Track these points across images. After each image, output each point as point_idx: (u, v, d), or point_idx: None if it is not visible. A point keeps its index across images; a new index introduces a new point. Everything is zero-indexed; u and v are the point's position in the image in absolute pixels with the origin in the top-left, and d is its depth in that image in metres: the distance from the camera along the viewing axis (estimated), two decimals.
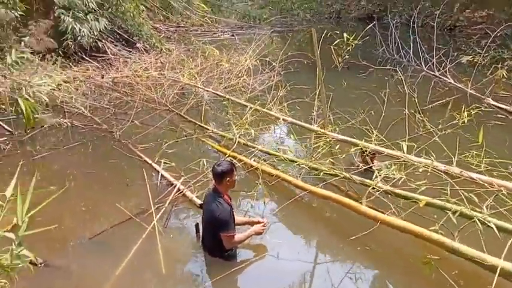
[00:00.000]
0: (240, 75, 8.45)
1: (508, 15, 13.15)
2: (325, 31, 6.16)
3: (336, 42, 5.32)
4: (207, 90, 7.75)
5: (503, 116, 7.30)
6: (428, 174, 4.13)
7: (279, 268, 3.98)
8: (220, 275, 3.74)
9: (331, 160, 5.01)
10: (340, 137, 5.11)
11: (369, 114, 5.65)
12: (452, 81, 9.18)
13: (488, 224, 3.41)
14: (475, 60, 9.51)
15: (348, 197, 4.47)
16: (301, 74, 9.19)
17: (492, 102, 7.96)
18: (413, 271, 3.74)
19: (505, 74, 8.73)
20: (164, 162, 5.57)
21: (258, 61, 9.02)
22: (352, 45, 5.26)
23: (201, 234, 4.24)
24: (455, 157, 4.12)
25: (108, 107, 8.03)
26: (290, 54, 8.45)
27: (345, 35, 5.16)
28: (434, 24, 10.67)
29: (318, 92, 5.81)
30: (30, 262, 3.02)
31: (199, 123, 7.06)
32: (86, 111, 7.69)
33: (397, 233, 3.87)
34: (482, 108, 5.41)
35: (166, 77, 8.64)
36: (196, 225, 4.33)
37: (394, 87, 7.49)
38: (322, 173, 4.67)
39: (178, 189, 5.07)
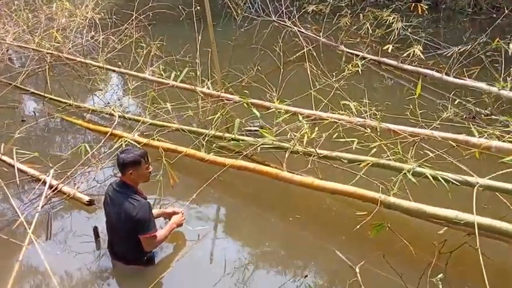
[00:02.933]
0: (85, 31, 7.00)
1: None
2: None
3: None
4: (50, 53, 6.18)
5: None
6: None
7: (207, 257, 3.41)
8: None
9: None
10: (254, 101, 4.52)
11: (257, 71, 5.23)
12: (304, 31, 9.39)
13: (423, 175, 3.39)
14: (319, 9, 9.83)
15: (258, 163, 4.08)
16: (161, 28, 8.06)
17: (345, 49, 8.42)
18: (351, 232, 3.56)
19: (347, 22, 9.29)
20: (17, 152, 4.25)
21: (103, 14, 7.59)
22: None
23: (102, 239, 3.38)
24: (367, 108, 4.05)
25: None
26: (147, 5, 7.27)
27: None
28: None
29: (198, 49, 5.11)
30: None
31: (49, 96, 5.63)
32: None
33: (319, 195, 3.67)
34: (369, 59, 5.51)
35: None
36: (95, 229, 3.42)
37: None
38: (231, 143, 4.15)
39: (51, 186, 3.92)
